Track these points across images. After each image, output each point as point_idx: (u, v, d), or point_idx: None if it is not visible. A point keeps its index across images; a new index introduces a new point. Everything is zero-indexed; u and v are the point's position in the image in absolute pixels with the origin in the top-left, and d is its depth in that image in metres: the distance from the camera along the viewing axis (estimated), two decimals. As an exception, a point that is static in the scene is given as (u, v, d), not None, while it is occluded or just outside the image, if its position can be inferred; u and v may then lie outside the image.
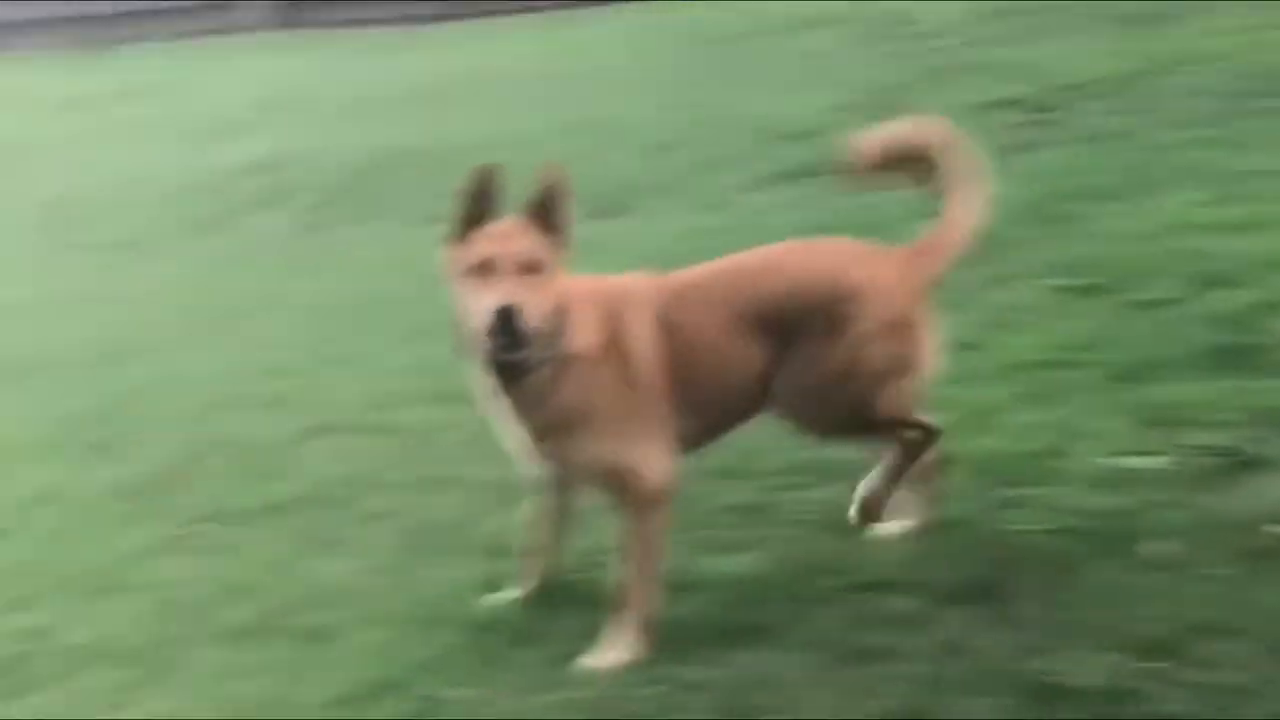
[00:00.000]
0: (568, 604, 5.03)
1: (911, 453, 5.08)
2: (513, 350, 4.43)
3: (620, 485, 4.75)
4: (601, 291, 4.83)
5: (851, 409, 4.95)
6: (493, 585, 5.21)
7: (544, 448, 4.76)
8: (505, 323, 4.34)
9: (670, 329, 4.82)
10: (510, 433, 4.82)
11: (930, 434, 5.09)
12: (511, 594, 5.12)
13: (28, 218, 12.84)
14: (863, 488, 5.10)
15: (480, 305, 4.40)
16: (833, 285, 4.89)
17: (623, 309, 4.81)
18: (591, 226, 9.39)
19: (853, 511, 5.12)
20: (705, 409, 4.93)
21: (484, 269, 4.42)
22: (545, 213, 4.54)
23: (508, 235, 4.48)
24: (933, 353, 5.03)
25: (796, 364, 4.89)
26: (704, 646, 4.67)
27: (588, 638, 4.77)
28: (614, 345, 4.74)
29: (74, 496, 6.51)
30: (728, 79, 13.46)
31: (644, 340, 4.78)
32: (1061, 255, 7.59)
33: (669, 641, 4.70)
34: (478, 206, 4.51)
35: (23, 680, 5.05)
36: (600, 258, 8.58)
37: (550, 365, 4.59)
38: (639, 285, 4.94)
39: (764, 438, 5.84)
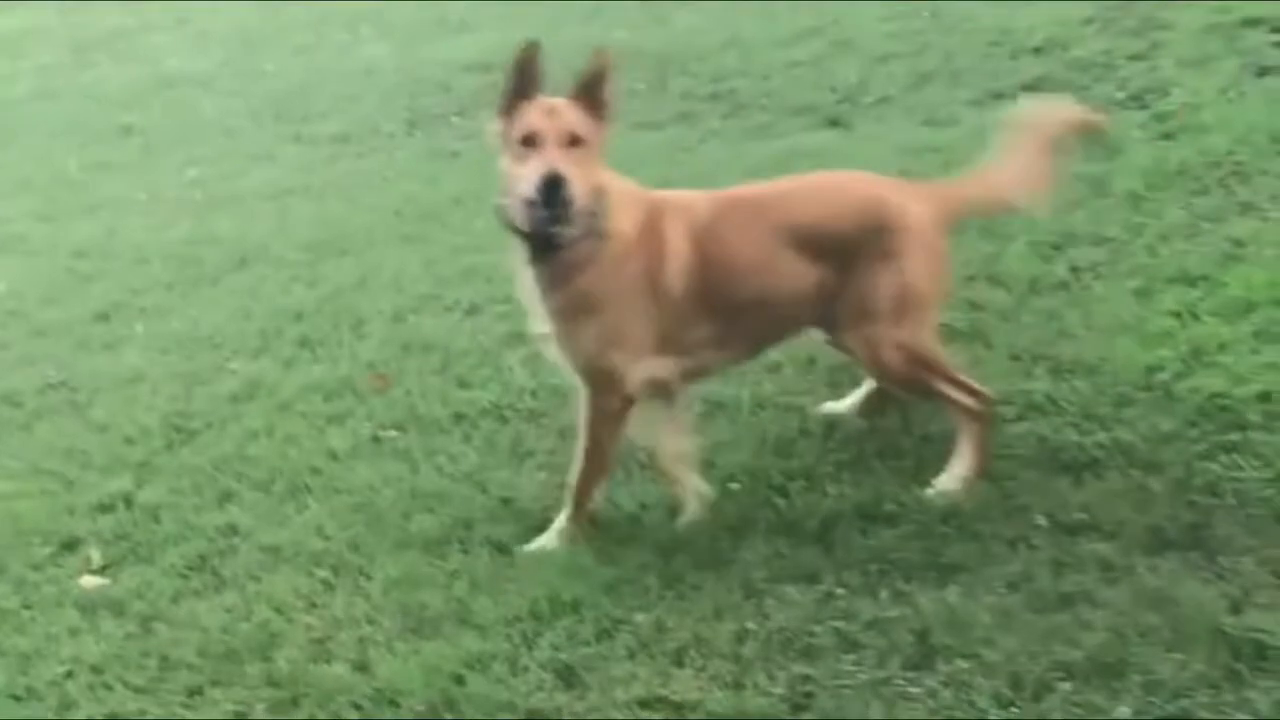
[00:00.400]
0: (758, 529, 4.94)
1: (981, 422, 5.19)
2: (555, 219, 4.67)
3: (596, 383, 4.99)
4: (646, 197, 5.06)
5: (901, 336, 5.09)
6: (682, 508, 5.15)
7: (555, 328, 4.94)
8: (550, 190, 4.58)
9: (714, 235, 5.03)
10: (534, 311, 5.00)
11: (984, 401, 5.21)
12: (692, 514, 5.11)
13: (257, 107, 13.02)
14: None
15: (526, 173, 4.62)
16: (875, 214, 5.11)
17: (664, 214, 4.98)
18: (811, 136, 9.28)
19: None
20: (741, 317, 5.11)
21: (530, 141, 4.70)
22: (592, 93, 4.81)
23: (554, 110, 4.74)
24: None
25: (852, 291, 5.07)
26: (894, 581, 4.57)
27: (772, 564, 4.70)
28: (646, 245, 4.91)
29: (277, 394, 6.57)
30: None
31: (677, 247, 4.95)
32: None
33: (857, 575, 4.60)
34: (523, 82, 4.75)
35: (217, 578, 5.15)
36: (815, 170, 8.49)
37: (585, 243, 4.77)
38: (685, 196, 5.21)
39: (964, 364, 5.70)
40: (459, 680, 4.32)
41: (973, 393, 5.18)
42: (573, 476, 5.07)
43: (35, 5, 19.02)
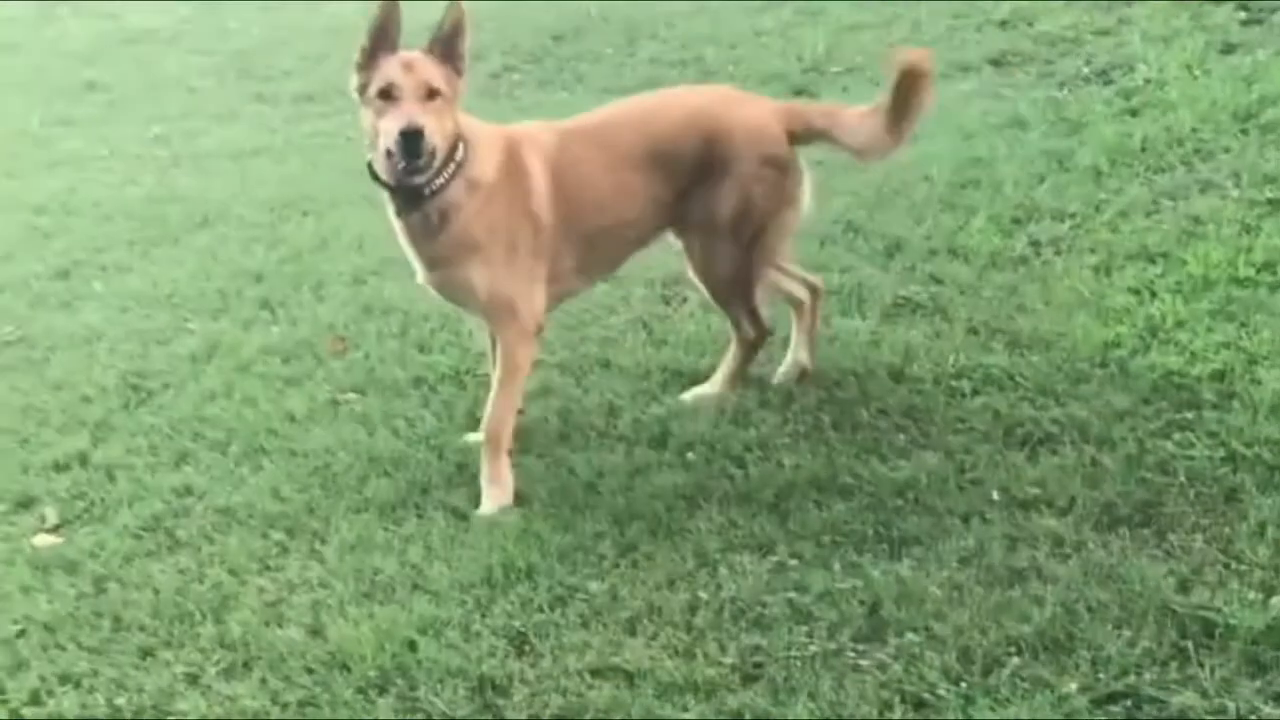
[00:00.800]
0: (713, 499, 4.95)
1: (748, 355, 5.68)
2: (414, 169, 4.88)
3: (500, 315, 5.21)
4: (502, 133, 5.27)
5: (747, 245, 5.43)
6: (641, 470, 5.18)
7: (437, 275, 5.13)
8: (409, 142, 4.77)
9: (565, 167, 5.28)
10: (413, 261, 5.19)
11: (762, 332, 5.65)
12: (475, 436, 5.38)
13: (221, 65, 12.96)
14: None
15: (386, 125, 4.79)
16: (704, 127, 5.39)
17: (521, 148, 5.19)
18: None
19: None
20: (600, 239, 5.40)
21: (387, 94, 4.86)
22: (447, 47, 4.96)
23: (410, 64, 4.89)
24: (805, 196, 5.53)
25: (696, 201, 5.40)
26: (847, 553, 4.59)
27: (726, 533, 4.73)
28: (511, 179, 5.12)
29: (236, 355, 6.54)
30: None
31: (539, 178, 5.18)
32: (1267, 165, 7.19)
33: (811, 546, 4.62)
34: (382, 37, 4.87)
35: (171, 538, 5.12)
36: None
37: (452, 189, 4.95)
38: (536, 129, 5.44)
39: (923, 338, 5.73)
40: (412, 646, 4.31)
41: (758, 327, 5.62)
42: (488, 417, 5.20)
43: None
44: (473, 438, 5.45)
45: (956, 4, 10.93)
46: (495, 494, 5.11)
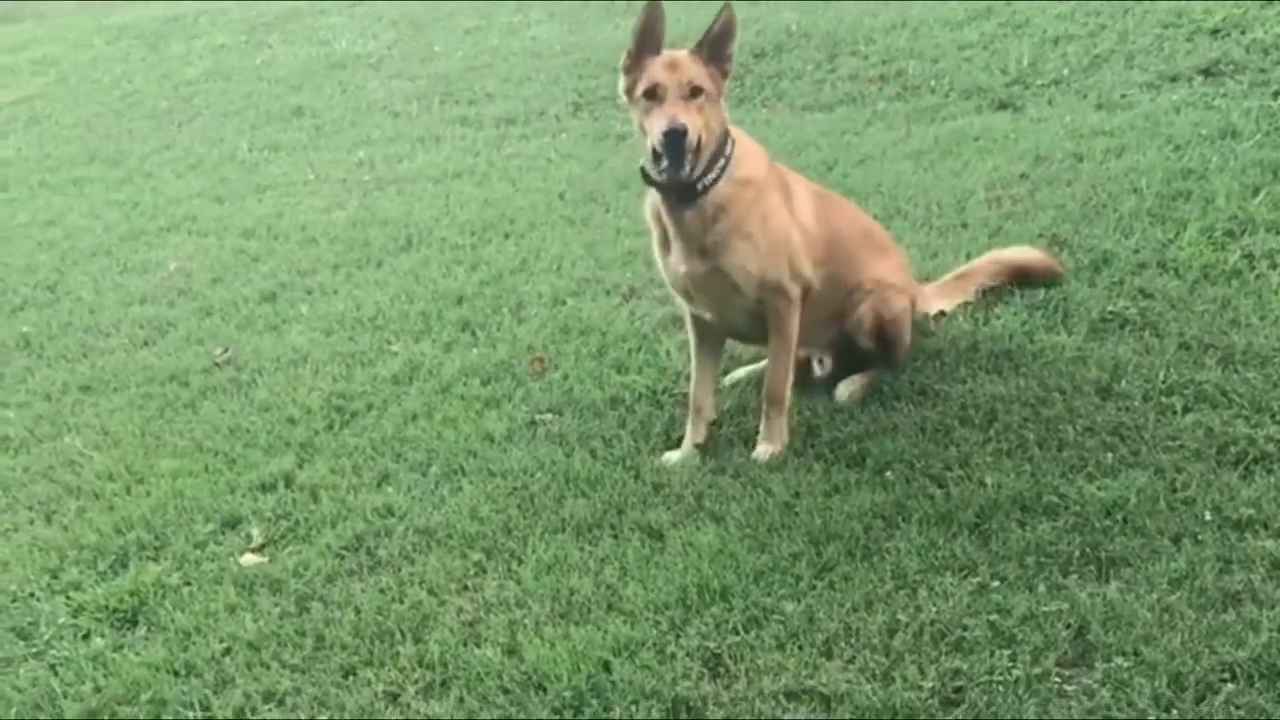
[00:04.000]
0: (912, 519, 4.86)
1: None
2: (680, 168, 5.05)
3: (773, 293, 5.41)
4: (763, 150, 5.54)
5: None
6: (839, 490, 5.12)
7: (705, 264, 5.34)
8: (673, 141, 4.95)
9: (822, 203, 5.75)
10: (672, 255, 5.42)
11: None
12: (688, 450, 5.51)
13: (425, 89, 13.15)
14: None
15: (651, 125, 5.04)
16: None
17: (780, 169, 5.61)
18: (980, 119, 9.13)
19: None
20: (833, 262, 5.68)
21: (652, 94, 5.06)
22: (715, 47, 5.16)
23: (675, 64, 5.09)
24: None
25: None
26: (1052, 575, 4.46)
27: (925, 554, 4.64)
28: (777, 181, 5.51)
29: (437, 376, 6.61)
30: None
31: (803, 191, 5.63)
32: None
33: (1014, 567, 4.51)
34: (648, 38, 5.11)
35: (372, 558, 5.18)
36: (982, 153, 8.36)
37: (723, 185, 5.23)
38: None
39: (1131, 354, 5.58)
40: (606, 667, 4.31)
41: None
42: (769, 381, 5.53)
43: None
44: (670, 457, 5.48)
45: (1166, 13, 10.65)
46: (769, 448, 5.47)
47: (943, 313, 6.30)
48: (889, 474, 5.15)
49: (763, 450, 5.45)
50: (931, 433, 5.38)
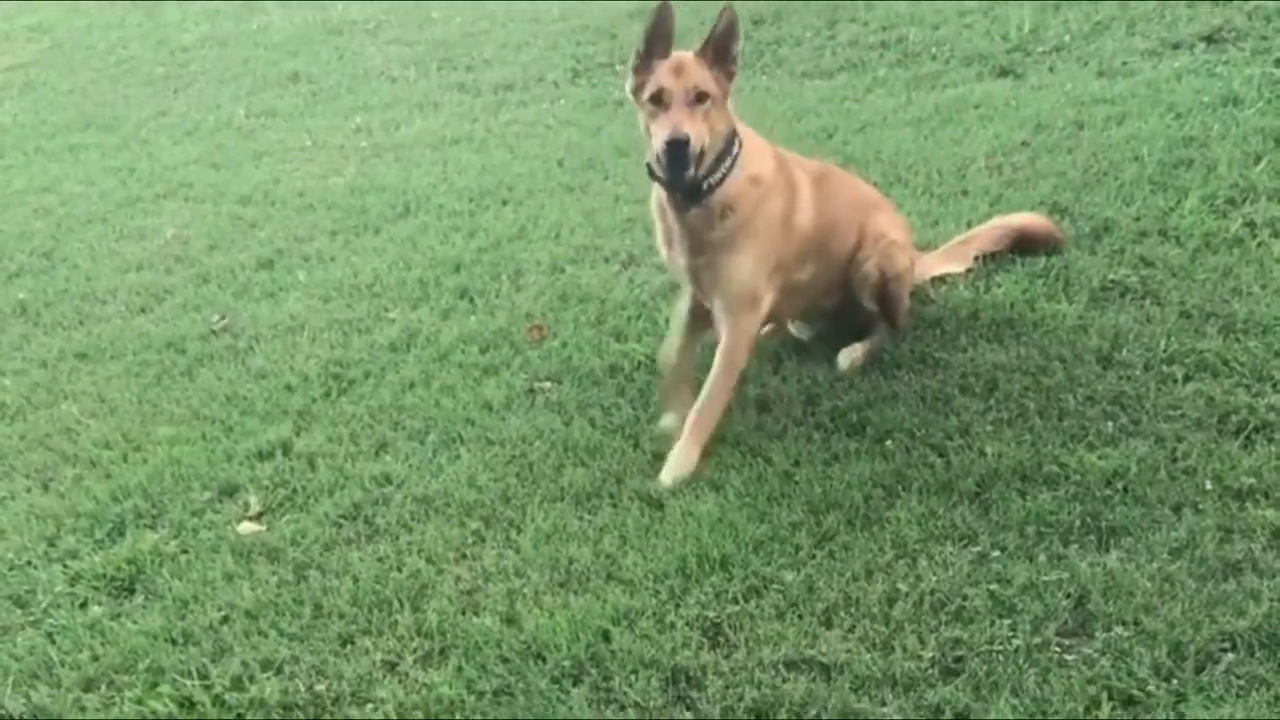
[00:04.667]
0: (912, 488, 4.85)
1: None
2: (682, 176, 5.05)
3: (743, 306, 5.34)
4: (772, 146, 5.50)
5: None
6: (839, 458, 5.10)
7: (703, 260, 5.33)
8: (675, 152, 4.95)
9: (822, 197, 5.62)
10: (675, 249, 5.42)
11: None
12: (668, 421, 5.44)
13: (422, 55, 13.09)
14: None
15: (656, 130, 5.04)
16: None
17: (788, 163, 5.56)
18: (980, 86, 9.08)
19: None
20: (819, 263, 5.66)
21: (658, 98, 5.05)
22: (719, 49, 5.11)
23: (681, 68, 5.06)
24: None
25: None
26: (1052, 544, 4.46)
27: (926, 523, 4.63)
28: (785, 183, 5.42)
29: (435, 344, 6.58)
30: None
31: (807, 193, 5.53)
32: None
33: (1014, 537, 4.50)
34: (657, 39, 5.09)
35: (370, 526, 5.17)
36: (983, 120, 8.31)
37: (730, 184, 5.22)
38: (794, 155, 5.70)
39: (1132, 322, 5.56)
40: (605, 636, 4.30)
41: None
42: (701, 404, 5.31)
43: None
44: (665, 421, 5.45)
45: (1168, -22, 10.59)
46: (673, 473, 5.15)
47: (943, 279, 6.27)
48: (889, 443, 5.13)
49: (666, 475, 5.14)
50: (932, 401, 5.36)
